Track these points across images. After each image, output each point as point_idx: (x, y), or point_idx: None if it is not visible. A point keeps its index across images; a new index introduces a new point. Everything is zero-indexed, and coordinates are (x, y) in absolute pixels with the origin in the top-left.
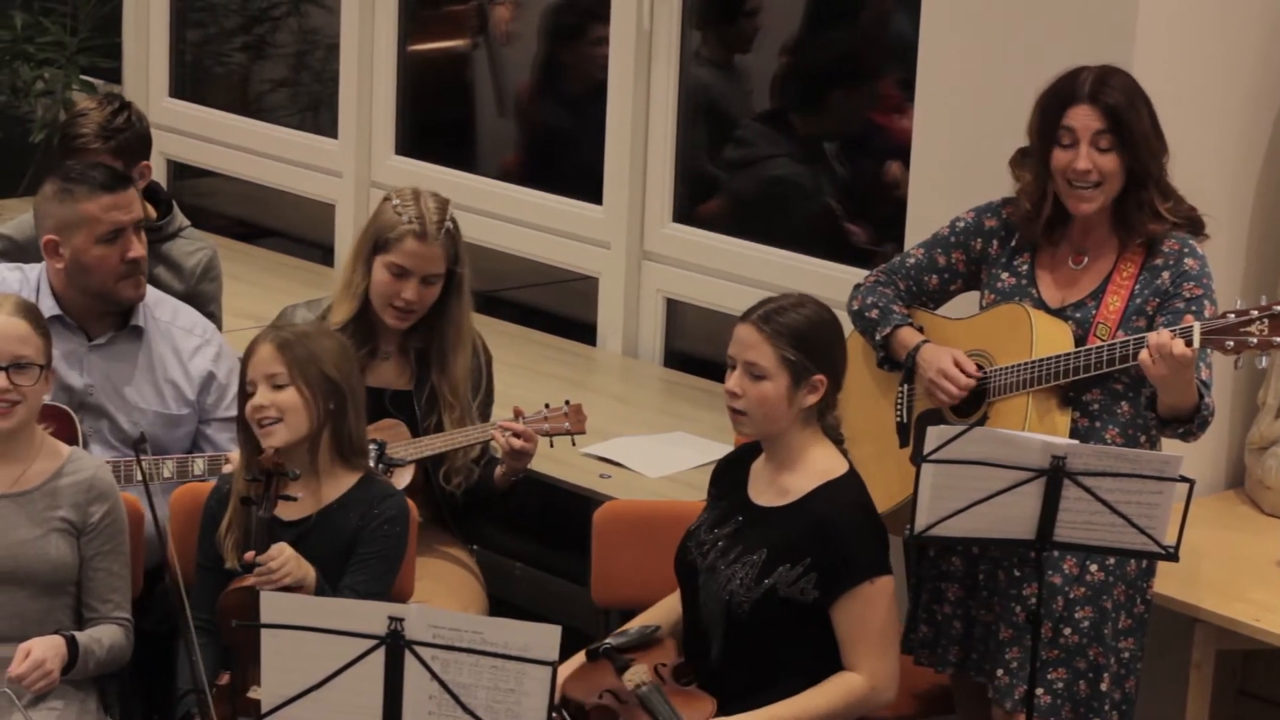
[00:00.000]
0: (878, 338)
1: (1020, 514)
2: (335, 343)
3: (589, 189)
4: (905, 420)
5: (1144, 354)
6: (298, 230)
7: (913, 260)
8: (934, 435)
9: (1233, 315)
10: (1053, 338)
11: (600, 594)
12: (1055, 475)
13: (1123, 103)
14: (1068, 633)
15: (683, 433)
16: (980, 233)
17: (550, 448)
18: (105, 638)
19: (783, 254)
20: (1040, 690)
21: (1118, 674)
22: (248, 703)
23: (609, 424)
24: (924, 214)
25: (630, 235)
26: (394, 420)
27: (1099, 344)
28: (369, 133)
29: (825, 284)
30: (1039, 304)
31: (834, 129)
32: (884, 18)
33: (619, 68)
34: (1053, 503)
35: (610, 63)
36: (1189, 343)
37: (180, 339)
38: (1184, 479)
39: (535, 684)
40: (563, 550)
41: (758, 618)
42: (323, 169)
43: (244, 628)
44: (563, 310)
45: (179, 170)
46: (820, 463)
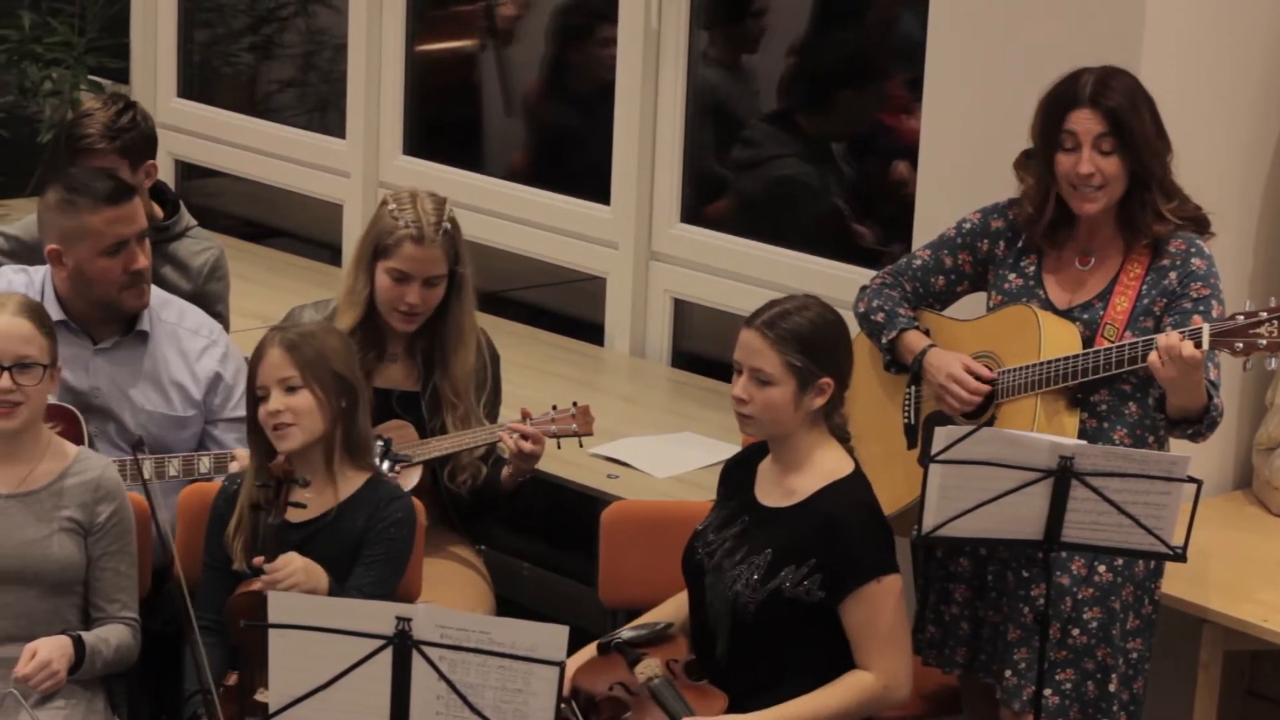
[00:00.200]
0: (884, 341)
1: (1028, 514)
2: (340, 340)
3: (597, 189)
4: (913, 422)
5: (1153, 356)
6: (305, 230)
7: (919, 262)
8: (942, 435)
9: (1241, 317)
10: (1060, 339)
11: (608, 594)
12: (1063, 476)
13: (1124, 105)
14: (1076, 633)
15: (690, 433)
16: (987, 234)
17: (558, 449)
18: (112, 638)
19: (790, 254)
20: (1048, 691)
21: (1126, 675)
22: (255, 705)
23: (617, 424)
24: (931, 214)
25: (638, 235)
26: (401, 421)
27: (1107, 345)
28: (376, 133)
29: (833, 284)
30: (1046, 305)
31: (841, 129)
32: (891, 18)
33: (627, 68)
34: (1060, 503)
35: (618, 63)
36: (1198, 344)
37: (187, 340)
38: (1192, 479)
39: (543, 684)
40: (570, 550)
41: (763, 618)
42: (330, 169)
43: (251, 628)
44: (570, 310)
45: (187, 170)
46: (827, 463)
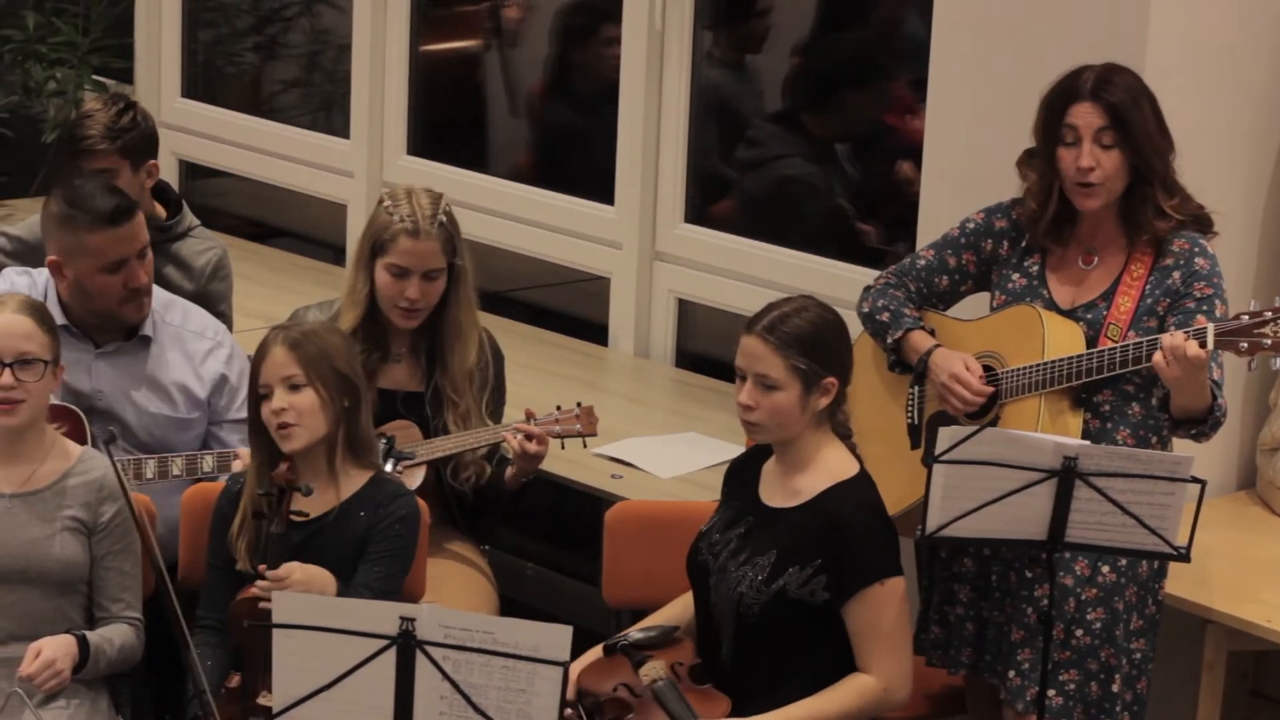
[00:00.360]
0: (889, 341)
1: (1032, 515)
2: (342, 339)
3: (601, 189)
4: (916, 422)
5: (1158, 356)
6: (309, 230)
7: (923, 262)
8: (945, 436)
9: (1246, 317)
10: (1064, 339)
11: (611, 594)
12: (1067, 476)
13: (1125, 100)
14: (1079, 634)
15: (694, 433)
16: (990, 234)
17: (562, 449)
18: (116, 637)
19: (794, 254)
20: (1052, 691)
21: (1129, 675)
22: (258, 708)
23: (620, 424)
24: (935, 214)
25: (642, 235)
26: (405, 421)
27: (1111, 345)
28: (380, 133)
29: (836, 284)
30: (1050, 305)
31: (846, 129)
32: (895, 18)
33: (631, 68)
34: (1064, 503)
35: (622, 63)
36: (1203, 344)
37: (191, 343)
38: (1196, 480)
39: (546, 684)
40: (574, 550)
41: (767, 619)
42: (334, 169)
43: (255, 629)
44: (574, 311)
45: (191, 170)
46: (831, 463)
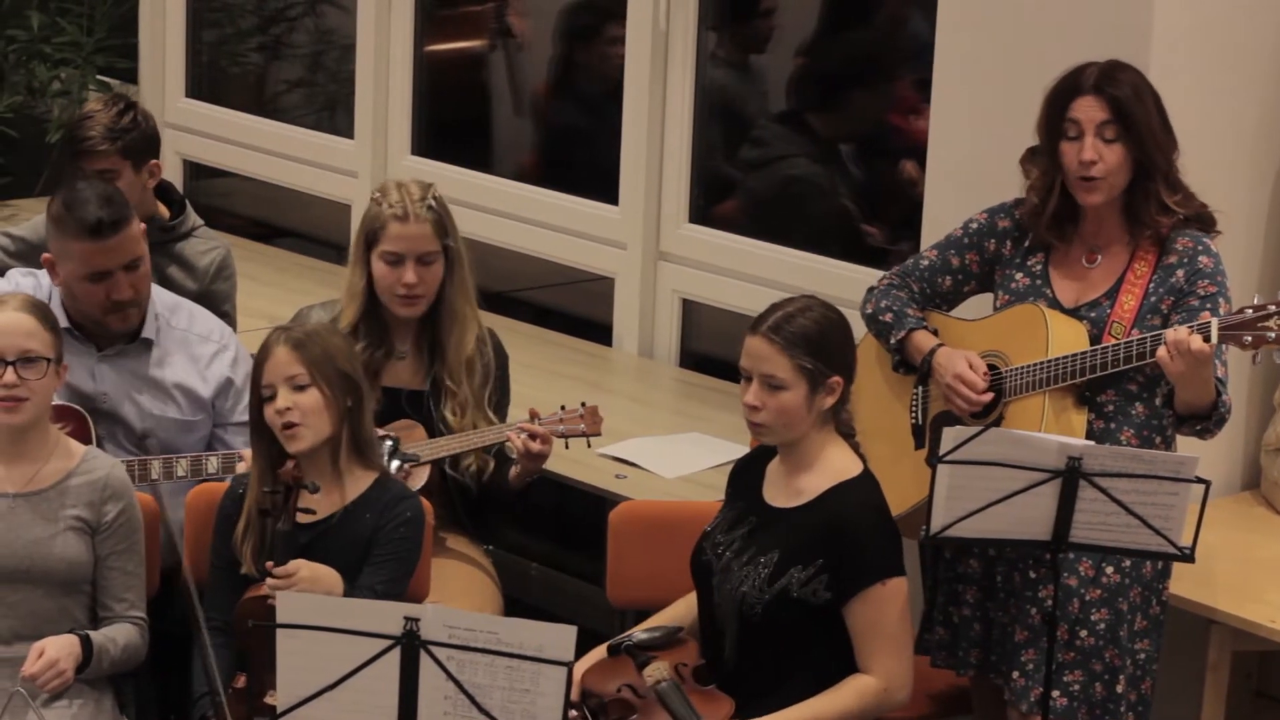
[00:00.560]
0: (892, 341)
1: (1036, 515)
2: (343, 339)
3: (605, 189)
4: (920, 422)
5: (1161, 351)
6: (313, 230)
7: (926, 262)
8: (950, 436)
9: (1250, 310)
10: (1068, 337)
11: (616, 594)
12: (1071, 476)
13: (1128, 95)
14: (1084, 635)
15: (698, 433)
16: (994, 233)
17: (566, 449)
18: (120, 637)
19: (799, 254)
20: (1056, 692)
21: (1134, 676)
22: (264, 707)
23: (625, 424)
24: (940, 214)
25: (646, 236)
26: (410, 421)
27: (1115, 342)
28: (385, 133)
29: (841, 284)
30: (1053, 304)
31: (850, 129)
32: (900, 18)
33: (635, 68)
34: (1069, 504)
35: (626, 63)
36: (1206, 338)
37: (197, 346)
38: (1200, 480)
39: (551, 684)
40: (578, 550)
41: (770, 619)
42: (338, 169)
43: (260, 629)
44: (579, 311)
45: (195, 170)
46: (835, 463)
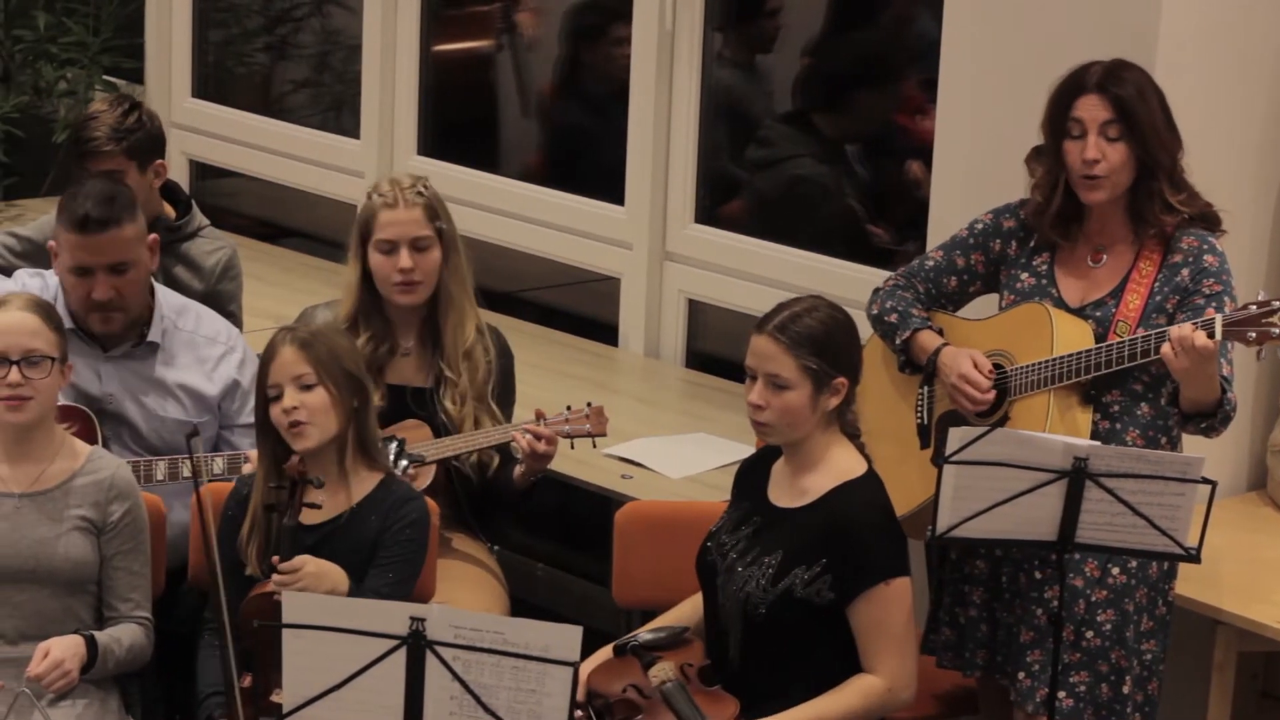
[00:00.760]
0: (898, 342)
1: (1042, 515)
2: (348, 339)
3: (611, 190)
4: (926, 422)
5: (1166, 347)
6: (319, 231)
7: (931, 263)
8: (956, 436)
9: (1254, 307)
10: (1073, 336)
11: (621, 594)
12: (1077, 476)
13: (1131, 94)
14: (1090, 635)
15: (704, 433)
16: (999, 233)
17: (572, 449)
18: (125, 637)
19: (804, 255)
20: (1062, 693)
21: (1140, 676)
22: (270, 705)
23: (630, 425)
24: (945, 215)
25: (652, 236)
26: (416, 421)
27: (1119, 340)
28: (391, 133)
29: (847, 285)
30: (1059, 303)
31: (856, 130)
32: (906, 18)
33: (641, 68)
34: (1075, 504)
35: (632, 63)
36: (1211, 334)
37: (204, 348)
38: (1206, 480)
39: (557, 684)
40: (584, 551)
41: (774, 620)
42: (345, 169)
43: (265, 628)
44: (584, 311)
45: (201, 170)
46: (840, 463)
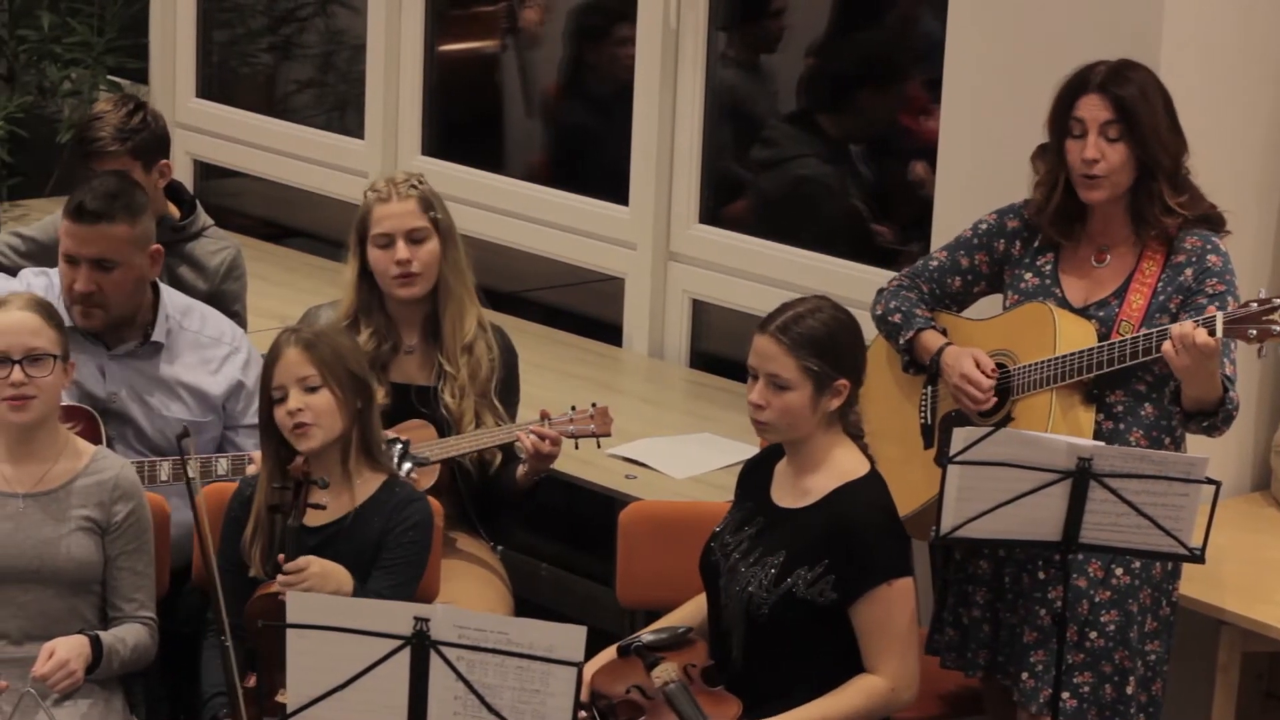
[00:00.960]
0: (901, 342)
1: (1046, 515)
2: (351, 340)
3: (615, 190)
4: (929, 422)
5: (1167, 345)
6: (324, 231)
7: (935, 263)
8: (960, 437)
9: (1255, 304)
10: (1076, 336)
11: (626, 594)
12: (1081, 477)
13: (1134, 94)
14: (1093, 636)
15: (708, 434)
16: (1003, 234)
17: (576, 449)
18: (130, 637)
19: (809, 255)
20: (1066, 694)
21: (1144, 677)
22: (275, 705)
23: (635, 425)
24: (950, 215)
25: (656, 236)
26: (420, 421)
27: (1121, 339)
28: (395, 133)
29: (851, 285)
30: (1062, 303)
31: (860, 130)
32: (911, 18)
33: (645, 68)
34: (1079, 504)
35: (637, 63)
36: (1212, 332)
37: (209, 349)
38: (1210, 481)
39: (561, 684)
40: (588, 551)
41: (777, 620)
42: (349, 169)
43: (270, 629)
44: (588, 311)
45: (205, 170)
46: (842, 463)
